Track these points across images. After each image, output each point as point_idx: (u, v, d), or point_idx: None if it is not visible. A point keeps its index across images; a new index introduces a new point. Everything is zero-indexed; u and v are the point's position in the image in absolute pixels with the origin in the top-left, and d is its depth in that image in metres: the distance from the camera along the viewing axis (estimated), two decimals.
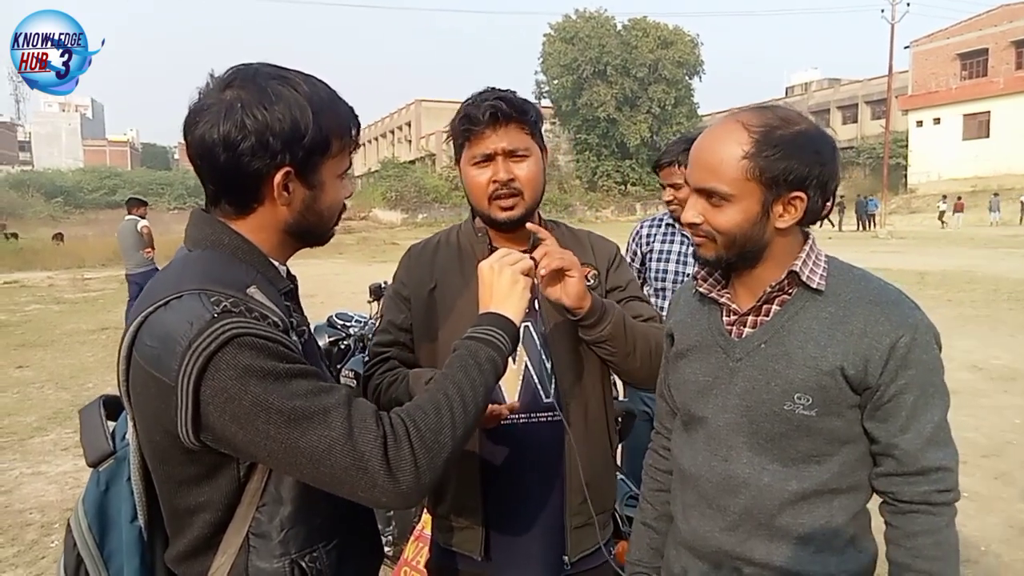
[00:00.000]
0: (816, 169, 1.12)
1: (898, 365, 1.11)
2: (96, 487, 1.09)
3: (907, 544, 1.14)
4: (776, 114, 1.15)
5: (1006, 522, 3.70)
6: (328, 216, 1.15)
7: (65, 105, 78.19)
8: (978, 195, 35.89)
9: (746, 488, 1.19)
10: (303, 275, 1.36)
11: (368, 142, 60.21)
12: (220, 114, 1.01)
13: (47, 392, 6.54)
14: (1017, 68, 37.38)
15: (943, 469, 1.15)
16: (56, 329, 9.99)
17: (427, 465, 0.97)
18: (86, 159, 69.67)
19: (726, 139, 1.13)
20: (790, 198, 1.13)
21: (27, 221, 36.14)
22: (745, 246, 1.16)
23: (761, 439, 1.18)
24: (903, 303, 1.16)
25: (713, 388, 1.23)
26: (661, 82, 48.51)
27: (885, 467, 1.16)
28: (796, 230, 1.19)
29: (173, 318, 0.95)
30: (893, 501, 1.17)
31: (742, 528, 1.19)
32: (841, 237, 28.33)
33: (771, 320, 1.19)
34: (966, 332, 8.37)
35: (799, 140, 1.12)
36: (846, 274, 1.21)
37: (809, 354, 1.14)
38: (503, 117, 1.50)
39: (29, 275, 17.87)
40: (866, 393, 1.14)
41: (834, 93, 50.16)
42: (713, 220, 1.15)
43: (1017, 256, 17.48)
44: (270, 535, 1.04)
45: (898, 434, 1.13)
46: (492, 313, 1.19)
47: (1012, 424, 5.24)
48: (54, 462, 4.77)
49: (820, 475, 1.16)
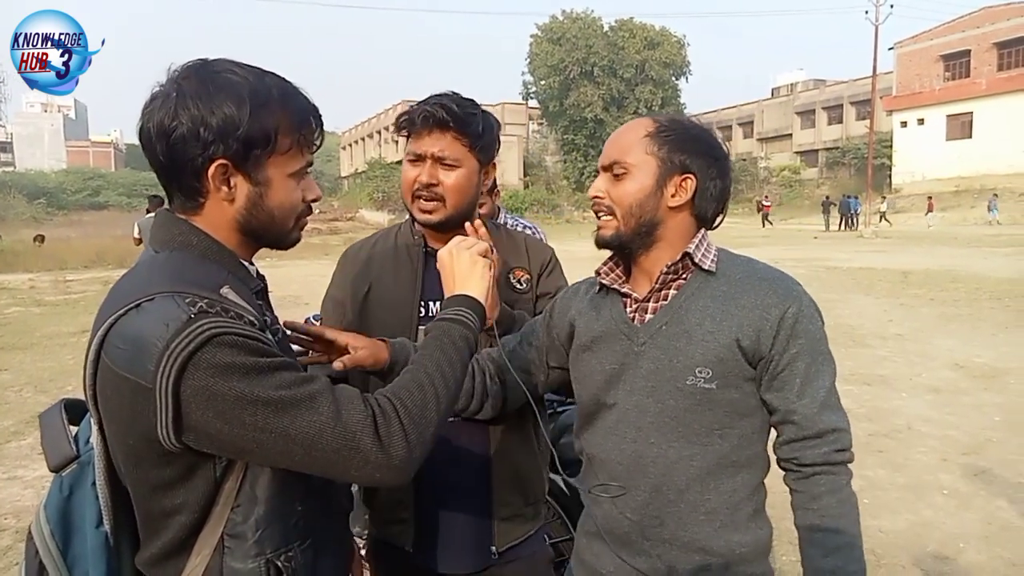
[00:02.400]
0: (706, 161, 1.27)
1: (788, 335, 1.21)
2: (59, 492, 1.07)
3: (813, 506, 1.22)
4: (680, 117, 1.33)
5: (985, 519, 3.72)
6: (280, 217, 1.11)
7: (47, 106, 77.41)
8: (961, 195, 36.28)
9: (654, 466, 1.26)
10: (289, 276, 1.35)
11: (355, 143, 60.07)
12: (159, 104, 1.02)
13: (25, 395, 6.45)
14: (999, 69, 37.80)
15: (838, 430, 1.23)
16: (36, 332, 9.87)
17: (417, 439, 1.00)
18: (69, 160, 68.94)
19: (634, 126, 1.31)
20: (681, 179, 1.26)
21: (9, 223, 35.77)
22: (641, 218, 1.26)
23: (667, 417, 1.25)
24: (787, 279, 1.28)
25: (621, 374, 1.30)
26: (648, 83, 48.71)
27: (786, 434, 1.25)
28: (688, 218, 1.29)
29: (146, 320, 0.93)
30: (797, 467, 1.24)
31: (652, 506, 1.26)
32: (826, 237, 28.56)
33: (669, 303, 1.28)
34: (948, 331, 8.41)
35: (695, 132, 1.29)
36: (734, 258, 1.32)
37: (707, 329, 1.23)
38: (438, 124, 1.53)
39: (10, 277, 17.65)
40: (761, 364, 1.23)
41: (819, 94, 50.50)
42: (613, 191, 1.28)
43: (999, 255, 17.68)
44: (245, 535, 1.03)
45: (795, 400, 1.22)
46: (457, 295, 1.23)
47: (992, 422, 5.28)
48: (31, 467, 4.70)
49: (722, 448, 1.24)
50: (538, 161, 51.66)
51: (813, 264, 16.89)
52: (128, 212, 42.98)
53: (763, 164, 51.36)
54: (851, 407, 5.58)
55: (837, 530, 1.20)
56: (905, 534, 3.59)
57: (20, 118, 75.17)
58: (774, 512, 1.34)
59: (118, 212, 45.97)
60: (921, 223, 31.74)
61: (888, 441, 4.92)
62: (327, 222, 36.64)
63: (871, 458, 4.60)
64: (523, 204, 43.03)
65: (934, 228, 30.01)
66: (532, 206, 43.67)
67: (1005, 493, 4.03)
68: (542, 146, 53.75)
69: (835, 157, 47.47)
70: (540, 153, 52.99)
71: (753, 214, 39.34)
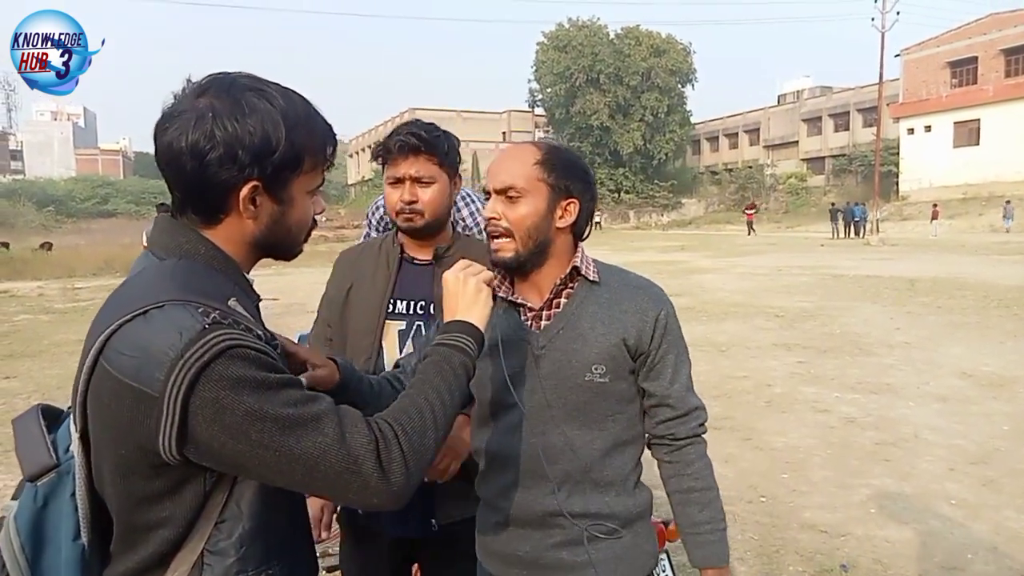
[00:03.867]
0: (584, 185, 1.46)
1: (661, 334, 1.46)
2: (32, 503, 1.02)
3: (688, 471, 1.48)
4: (557, 144, 1.52)
5: (994, 529, 3.70)
6: (296, 232, 1.13)
7: (57, 114, 78.01)
8: (969, 202, 36.12)
9: (563, 454, 1.44)
10: (294, 284, 1.37)
11: (362, 150, 60.26)
12: (190, 122, 0.99)
13: (33, 403, 6.43)
14: (1006, 76, 37.71)
15: (700, 408, 1.51)
16: (44, 339, 9.93)
17: (415, 466, 0.99)
18: (78, 168, 69.30)
19: (522, 152, 1.46)
20: (567, 202, 1.44)
21: (18, 230, 36.02)
22: (537, 239, 1.42)
23: (568, 409, 1.44)
24: (655, 286, 1.52)
25: (523, 377, 1.45)
26: (654, 90, 48.79)
27: (661, 415, 1.48)
28: (570, 236, 1.48)
29: (156, 328, 0.92)
30: (671, 441, 1.49)
31: (564, 488, 1.44)
32: (832, 245, 28.45)
33: (562, 311, 1.46)
34: (956, 339, 8.39)
35: (573, 160, 1.48)
36: (608, 268, 1.53)
37: (599, 332, 1.43)
38: (411, 149, 1.80)
39: (19, 285, 17.77)
40: (640, 358, 1.46)
41: (826, 101, 50.47)
42: (510, 213, 1.42)
43: (1007, 263, 17.59)
44: (227, 552, 1.02)
45: (668, 386, 1.47)
46: (460, 321, 1.22)
47: (1001, 431, 5.24)
48: None
49: (615, 430, 1.46)
50: None
51: (819, 272, 16.84)
52: (137, 220, 43.23)
53: (769, 171, 51.31)
54: (857, 415, 5.63)
55: (707, 488, 1.49)
56: (912, 544, 3.56)
57: (30, 126, 75.82)
58: None
59: (127, 220, 46.22)
60: (928, 231, 31.61)
61: (895, 450, 4.89)
62: (334, 230, 36.71)
63: (878, 467, 4.58)
64: None
65: (939, 236, 29.88)
66: None
67: (1014, 503, 4.00)
68: None
69: (842, 164, 47.38)
70: None
71: (759, 222, 39.23)
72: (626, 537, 1.47)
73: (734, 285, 14.64)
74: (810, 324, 9.81)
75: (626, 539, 1.47)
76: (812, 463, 4.68)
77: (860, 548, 3.52)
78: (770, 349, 8.12)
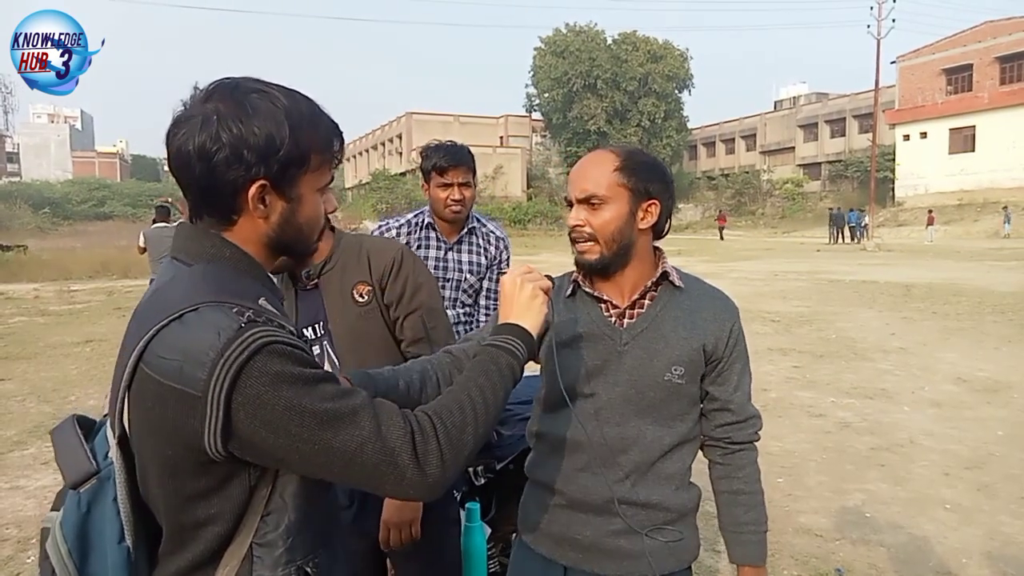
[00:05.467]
0: (664, 186, 1.49)
1: (734, 343, 1.54)
2: (77, 509, 1.05)
3: (738, 475, 1.57)
4: (634, 148, 1.54)
5: (988, 534, 3.71)
6: (308, 231, 1.15)
7: (54, 116, 77.96)
8: (964, 208, 36.25)
9: (635, 445, 1.50)
10: None
11: (359, 154, 60.24)
12: (197, 126, 1.02)
13: (28, 405, 6.46)
14: (1001, 83, 37.89)
15: (756, 417, 1.59)
16: (40, 341, 9.88)
17: (452, 460, 1.02)
18: (75, 170, 69.16)
19: (600, 160, 1.49)
20: (648, 204, 1.48)
21: (14, 232, 35.83)
22: (620, 242, 1.47)
23: (644, 405, 1.50)
24: (728, 298, 1.60)
25: (603, 369, 1.51)
26: (651, 96, 48.88)
27: (722, 419, 1.56)
28: (650, 235, 1.52)
29: (195, 329, 0.95)
30: (727, 444, 1.56)
31: (631, 477, 1.51)
32: (829, 250, 28.53)
33: (646, 312, 1.52)
34: (950, 344, 8.41)
35: (651, 161, 1.51)
36: (688, 277, 1.59)
37: (681, 336, 1.50)
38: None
39: (14, 287, 17.70)
40: (712, 363, 1.53)
41: (822, 107, 50.65)
42: (594, 220, 1.47)
43: (1001, 269, 17.65)
44: (275, 543, 1.04)
45: (732, 393, 1.55)
46: (512, 324, 1.26)
47: (995, 436, 5.26)
48: (33, 476, 4.71)
49: (682, 429, 1.53)
50: (541, 173, 51.77)
51: (816, 277, 16.88)
52: (133, 222, 43.04)
53: (766, 177, 51.41)
54: (853, 420, 5.64)
55: (755, 492, 1.57)
56: (907, 549, 3.57)
57: (27, 128, 75.67)
58: None
59: (123, 222, 46.05)
60: (923, 236, 31.71)
61: (890, 455, 4.90)
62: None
63: (872, 472, 4.59)
64: (526, 216, 43.10)
65: (935, 242, 29.96)
66: (535, 218, 43.72)
67: (1008, 508, 4.01)
68: (545, 158, 53.87)
69: (838, 170, 47.52)
70: (543, 165, 53.10)
71: (755, 227, 39.37)
72: (678, 529, 1.54)
73: (730, 290, 14.44)
74: (806, 329, 9.84)
75: (678, 531, 1.54)
76: (807, 468, 4.69)
77: (855, 553, 3.53)
78: (766, 354, 8.12)
